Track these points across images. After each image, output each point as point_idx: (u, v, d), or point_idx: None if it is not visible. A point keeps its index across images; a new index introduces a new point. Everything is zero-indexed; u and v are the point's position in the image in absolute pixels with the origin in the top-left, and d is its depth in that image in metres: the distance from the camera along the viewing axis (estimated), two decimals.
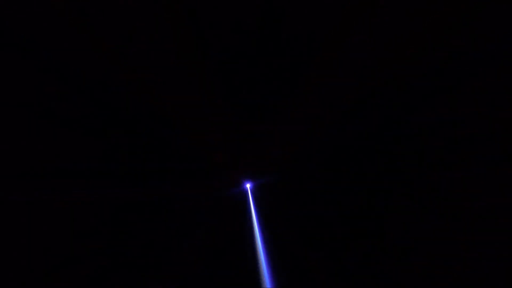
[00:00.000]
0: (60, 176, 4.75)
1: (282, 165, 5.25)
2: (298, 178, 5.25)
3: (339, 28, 4.47)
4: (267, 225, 5.26)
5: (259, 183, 5.29)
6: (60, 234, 4.73)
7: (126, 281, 4.80)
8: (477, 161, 4.77)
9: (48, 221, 4.69)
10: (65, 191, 4.77)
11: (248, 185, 5.32)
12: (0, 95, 4.41)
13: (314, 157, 5.20)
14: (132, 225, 4.98)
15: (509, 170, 4.70)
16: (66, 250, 4.70)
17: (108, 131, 4.82)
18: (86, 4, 4.12)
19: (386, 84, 4.79)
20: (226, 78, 4.77)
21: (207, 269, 4.99)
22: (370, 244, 4.96)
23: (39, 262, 4.58)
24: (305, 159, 5.22)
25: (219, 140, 5.09)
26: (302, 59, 4.72)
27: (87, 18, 4.20)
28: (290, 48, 4.64)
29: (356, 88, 4.88)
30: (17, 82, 4.43)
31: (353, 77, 4.84)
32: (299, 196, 5.22)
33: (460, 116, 4.83)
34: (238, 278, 4.98)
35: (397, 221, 4.97)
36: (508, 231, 4.63)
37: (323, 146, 5.12)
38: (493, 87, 4.71)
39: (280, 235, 5.21)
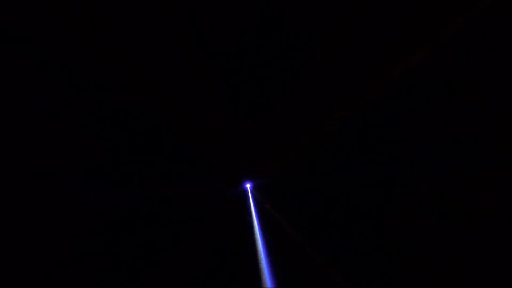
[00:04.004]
0: (60, 176, 4.75)
1: (282, 165, 5.25)
2: (298, 178, 5.24)
3: (339, 28, 4.47)
4: (267, 225, 5.26)
5: (259, 183, 5.29)
6: (60, 234, 4.73)
7: (126, 281, 4.79)
8: (477, 161, 4.77)
9: (48, 221, 4.69)
10: (65, 191, 4.77)
11: (248, 185, 5.32)
12: (0, 95, 4.41)
13: (314, 157, 5.20)
14: (132, 225, 4.98)
15: (509, 170, 4.70)
16: (66, 250, 4.70)
17: (108, 131, 4.82)
18: (86, 4, 4.12)
19: (386, 83, 4.79)
20: (226, 78, 4.77)
21: (207, 269, 4.98)
22: (370, 244, 4.96)
23: (39, 262, 4.58)
24: (305, 159, 5.22)
25: (219, 140, 5.09)
26: (302, 59, 4.71)
27: (87, 18, 4.20)
28: (290, 48, 4.64)
29: (356, 88, 4.88)
30: (17, 82, 4.43)
31: (353, 77, 4.84)
32: (299, 196, 5.22)
33: (460, 116, 4.84)
34: (238, 278, 4.97)
35: (398, 221, 4.97)
36: (508, 231, 4.63)
37: (323, 146, 5.12)
38: (493, 87, 4.71)
39: (280, 234, 5.21)
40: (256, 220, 5.30)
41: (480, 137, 4.78)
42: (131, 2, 4.15)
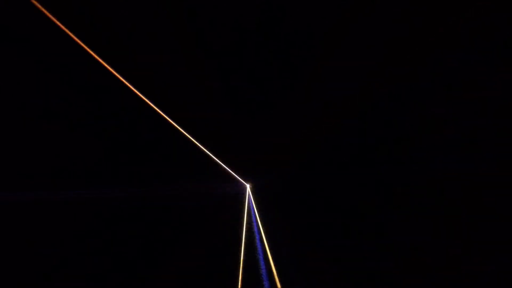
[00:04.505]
0: (60, 176, 4.75)
1: (281, 165, 5.24)
2: (298, 178, 5.24)
3: (338, 27, 4.48)
4: (267, 225, 5.25)
5: (259, 183, 5.28)
6: (60, 234, 4.72)
7: (126, 281, 4.78)
8: (477, 161, 4.76)
9: (48, 221, 4.69)
10: (65, 191, 4.77)
11: (248, 185, 5.31)
12: (0, 95, 4.42)
13: (314, 156, 5.19)
14: (131, 224, 4.97)
15: (509, 170, 4.69)
16: (66, 250, 4.70)
17: (108, 131, 4.82)
18: (86, 3, 4.13)
19: (386, 83, 4.79)
20: (226, 76, 4.77)
21: (207, 269, 4.97)
22: (371, 244, 4.95)
23: (39, 262, 4.58)
24: (305, 159, 5.22)
25: (219, 140, 5.08)
26: (301, 57, 4.72)
27: (87, 17, 4.21)
28: (289, 46, 4.64)
29: (356, 88, 4.88)
30: (17, 82, 4.44)
31: (353, 77, 4.84)
32: (299, 196, 5.21)
33: (460, 116, 4.83)
34: (238, 277, 4.96)
35: (398, 221, 4.96)
36: (508, 231, 4.62)
37: (324, 146, 5.12)
38: (493, 87, 4.71)
39: (280, 234, 5.20)
40: (256, 220, 5.29)
41: (480, 137, 4.77)
42: (131, 1, 4.16)
